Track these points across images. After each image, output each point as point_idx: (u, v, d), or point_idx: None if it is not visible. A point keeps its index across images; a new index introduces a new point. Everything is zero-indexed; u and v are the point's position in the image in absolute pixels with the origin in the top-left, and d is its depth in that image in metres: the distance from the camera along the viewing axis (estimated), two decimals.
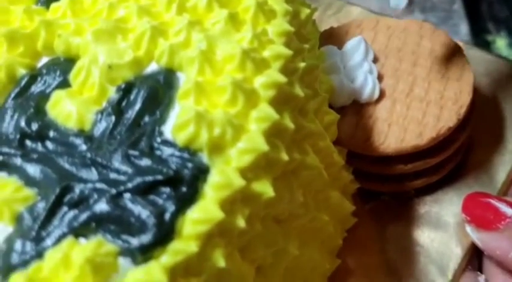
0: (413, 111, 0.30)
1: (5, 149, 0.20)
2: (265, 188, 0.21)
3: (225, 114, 0.21)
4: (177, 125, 0.20)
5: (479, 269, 0.29)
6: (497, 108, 0.34)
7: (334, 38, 0.33)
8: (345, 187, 0.30)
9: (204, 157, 0.20)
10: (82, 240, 0.19)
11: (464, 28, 0.51)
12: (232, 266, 0.21)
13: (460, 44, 0.33)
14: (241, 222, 0.20)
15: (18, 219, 0.19)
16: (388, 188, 0.31)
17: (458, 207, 0.30)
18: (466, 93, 0.30)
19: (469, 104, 0.30)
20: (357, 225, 0.30)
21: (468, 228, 0.28)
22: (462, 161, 0.32)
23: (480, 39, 0.51)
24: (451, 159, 0.31)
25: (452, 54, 0.32)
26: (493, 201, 0.28)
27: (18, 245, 0.19)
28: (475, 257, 0.30)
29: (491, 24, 0.52)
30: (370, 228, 0.31)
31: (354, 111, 0.30)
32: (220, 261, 0.20)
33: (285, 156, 0.22)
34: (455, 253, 0.29)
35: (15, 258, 0.18)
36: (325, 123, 0.28)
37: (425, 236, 0.30)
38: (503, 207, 0.27)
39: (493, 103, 0.34)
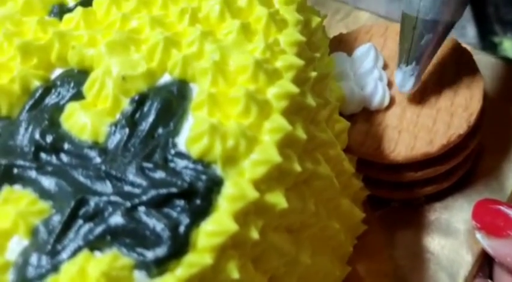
0: (424, 118, 0.30)
1: (20, 162, 0.20)
2: (278, 199, 0.21)
3: (238, 126, 0.21)
4: (191, 137, 0.20)
5: (490, 276, 0.29)
6: (506, 113, 0.34)
7: (343, 44, 0.33)
8: (355, 194, 0.30)
9: (218, 169, 0.20)
10: (97, 253, 0.19)
11: (471, 30, 0.51)
12: (246, 277, 0.21)
13: (469, 48, 0.33)
14: (254, 234, 0.20)
15: (33, 233, 0.19)
16: (398, 195, 0.31)
17: (468, 213, 0.30)
18: (476, 100, 0.30)
19: (480, 111, 0.30)
20: (367, 232, 0.30)
21: (478, 235, 0.28)
22: (472, 168, 0.32)
23: (487, 41, 0.51)
24: (461, 166, 0.31)
25: (462, 61, 0.32)
26: (503, 208, 0.28)
27: (33, 258, 0.19)
28: (485, 264, 0.30)
29: (498, 26, 0.52)
30: (380, 235, 0.31)
31: (364, 119, 0.30)
32: (234, 273, 0.20)
33: (297, 167, 0.22)
34: (466, 260, 0.29)
35: (31, 272, 0.18)
36: (336, 131, 0.28)
37: (435, 243, 0.30)
38: None
39: (503, 109, 0.34)
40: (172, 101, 0.22)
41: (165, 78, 0.22)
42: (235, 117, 0.21)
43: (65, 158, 0.21)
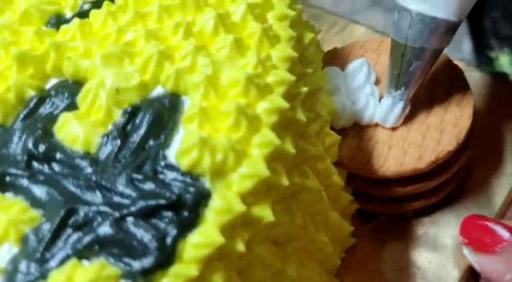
0: (414, 135, 0.30)
1: (13, 170, 0.21)
2: (265, 212, 0.21)
3: (227, 140, 0.21)
4: (181, 150, 0.21)
5: None
6: (496, 130, 0.34)
7: (337, 58, 0.33)
8: (344, 208, 0.30)
9: (206, 182, 0.21)
10: (85, 262, 0.19)
11: (467, 45, 0.51)
12: None
13: (461, 65, 0.34)
14: (241, 247, 0.21)
15: (23, 240, 0.20)
16: (386, 209, 0.31)
17: (456, 229, 0.31)
18: (466, 117, 0.30)
19: (469, 128, 0.30)
20: (355, 245, 0.30)
21: (465, 251, 0.29)
22: (461, 184, 0.32)
23: (483, 56, 0.52)
24: (449, 181, 0.31)
25: (453, 78, 0.32)
26: (490, 224, 0.28)
27: (23, 265, 0.19)
28: (471, 280, 0.30)
29: (495, 40, 0.52)
30: (368, 249, 0.31)
31: (355, 133, 0.30)
32: None
33: (285, 181, 0.22)
34: (452, 275, 0.30)
35: (20, 279, 0.19)
36: (326, 145, 0.28)
37: (422, 258, 0.30)
38: (500, 231, 0.28)
39: (492, 125, 0.34)
40: (163, 114, 0.22)
41: (158, 91, 0.23)
42: (225, 130, 0.22)
43: (56, 167, 0.21)
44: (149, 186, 0.20)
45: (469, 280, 0.30)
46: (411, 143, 0.30)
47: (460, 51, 0.49)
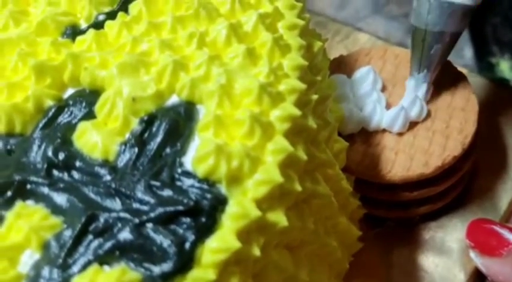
0: (420, 140, 0.31)
1: (33, 178, 0.21)
2: (279, 217, 0.22)
3: (243, 147, 0.22)
4: (197, 157, 0.21)
5: None
6: (500, 135, 0.35)
7: (343, 66, 0.34)
8: (352, 213, 0.31)
9: (223, 188, 0.21)
10: (106, 267, 0.19)
11: (468, 52, 0.52)
12: None
13: (464, 71, 0.34)
14: (256, 251, 0.21)
15: (45, 247, 0.20)
16: (393, 214, 0.32)
17: (462, 233, 0.31)
18: (471, 123, 0.31)
19: (474, 134, 0.31)
20: (363, 249, 0.31)
21: (472, 254, 0.29)
22: (466, 188, 0.33)
23: (484, 62, 0.52)
24: (455, 186, 0.32)
25: (458, 84, 0.33)
26: (496, 228, 0.29)
27: (45, 271, 0.20)
28: None
29: (495, 47, 0.53)
30: (376, 253, 0.32)
31: (362, 139, 0.31)
32: None
33: (298, 187, 0.23)
34: (459, 278, 0.30)
35: None
36: (334, 151, 0.29)
37: (429, 261, 0.31)
38: (506, 234, 0.28)
39: (496, 130, 0.35)
40: (179, 122, 0.23)
41: (173, 100, 0.23)
42: (240, 138, 0.22)
43: (76, 175, 0.21)
44: (167, 192, 0.21)
45: None
46: (417, 149, 0.30)
47: (462, 57, 0.50)
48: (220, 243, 0.20)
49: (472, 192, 0.33)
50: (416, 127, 0.31)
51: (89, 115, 0.23)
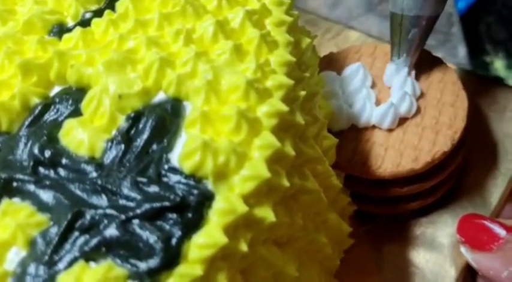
0: (409, 136, 0.31)
1: (19, 176, 0.21)
2: (266, 213, 0.22)
3: (229, 143, 0.22)
4: (183, 153, 0.21)
5: None
6: (490, 131, 0.35)
7: (333, 63, 0.34)
8: (342, 209, 0.31)
9: (209, 184, 0.21)
10: (93, 264, 0.19)
11: (462, 50, 0.52)
12: None
13: (454, 67, 0.34)
14: (243, 247, 0.21)
15: (31, 244, 0.20)
16: (384, 210, 0.32)
17: (452, 228, 0.31)
18: (460, 118, 0.31)
19: (463, 129, 0.31)
20: (354, 246, 0.31)
21: (463, 249, 0.29)
22: (456, 184, 0.33)
23: (478, 60, 0.52)
24: (445, 182, 0.32)
25: (447, 80, 0.33)
26: (487, 223, 0.29)
27: (31, 268, 0.19)
28: (469, 278, 0.31)
29: (490, 45, 0.53)
30: (367, 249, 0.32)
31: (352, 136, 0.31)
32: None
33: (285, 182, 0.23)
34: (450, 274, 0.30)
35: (29, 281, 0.19)
36: (324, 148, 0.29)
37: (420, 257, 0.31)
38: (496, 229, 0.28)
39: (487, 126, 0.35)
40: (166, 119, 0.23)
41: (160, 97, 0.23)
42: (227, 134, 0.22)
43: (62, 172, 0.21)
44: (153, 189, 0.21)
45: (466, 278, 0.31)
46: (407, 145, 0.30)
47: (456, 56, 0.50)
48: (207, 239, 0.20)
49: (462, 188, 0.33)
50: (406, 123, 0.31)
51: (76, 112, 0.23)
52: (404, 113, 0.31)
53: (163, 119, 0.23)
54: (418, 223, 0.32)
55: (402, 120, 0.31)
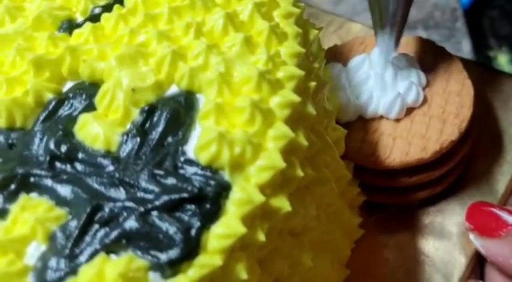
0: (417, 126, 0.31)
1: (36, 171, 0.21)
2: (282, 203, 0.22)
3: (244, 134, 0.22)
4: (199, 145, 0.21)
5: (481, 277, 0.30)
6: (495, 120, 0.35)
7: (338, 55, 0.34)
8: (352, 200, 0.31)
9: (226, 175, 0.21)
10: (113, 256, 0.20)
11: (466, 45, 0.52)
12: (253, 279, 0.22)
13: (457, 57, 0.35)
14: (261, 236, 0.21)
15: (51, 238, 0.20)
16: (393, 199, 0.32)
17: (461, 217, 0.32)
18: (467, 107, 0.31)
19: (470, 118, 0.31)
20: (364, 236, 0.31)
21: (471, 236, 0.29)
22: (464, 172, 0.33)
23: (482, 55, 0.53)
24: (453, 170, 0.32)
25: (453, 70, 0.33)
26: (495, 210, 0.29)
27: (52, 262, 0.20)
28: (478, 265, 0.31)
29: (493, 40, 0.53)
30: (376, 239, 0.32)
31: (360, 127, 0.31)
32: (243, 274, 0.21)
33: (300, 173, 0.23)
34: (459, 261, 0.30)
35: (50, 275, 0.19)
36: (333, 139, 0.29)
37: (429, 246, 0.31)
38: (504, 216, 0.29)
39: (492, 115, 0.35)
40: (180, 111, 0.23)
41: (173, 90, 0.23)
42: (241, 125, 0.22)
43: (79, 166, 0.22)
44: (171, 181, 0.21)
45: (475, 265, 0.31)
46: (415, 134, 0.31)
47: (460, 51, 0.50)
48: (226, 229, 0.20)
49: (469, 176, 0.33)
50: (413, 113, 0.31)
51: (90, 107, 0.23)
52: (411, 102, 0.31)
53: (177, 111, 0.23)
54: (427, 212, 0.32)
55: (409, 110, 0.31)
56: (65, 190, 0.21)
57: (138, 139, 0.22)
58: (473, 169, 0.33)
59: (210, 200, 0.21)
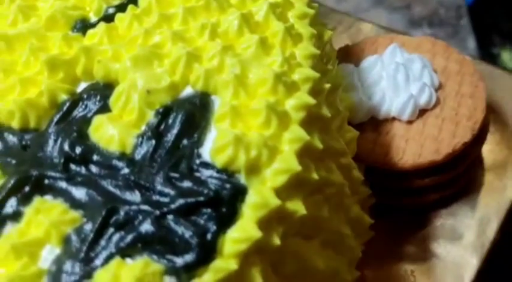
0: (430, 128, 0.31)
1: (50, 173, 0.21)
2: (298, 206, 0.22)
3: (260, 137, 0.22)
4: (215, 147, 0.21)
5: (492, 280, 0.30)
6: (507, 119, 0.35)
7: (350, 55, 0.34)
8: (363, 201, 0.31)
9: (242, 178, 0.21)
10: (129, 260, 0.19)
11: (471, 42, 0.52)
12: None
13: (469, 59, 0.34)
14: (276, 240, 0.21)
15: (66, 241, 0.20)
16: (404, 202, 0.32)
17: (472, 219, 0.31)
18: (479, 110, 0.31)
19: (483, 120, 0.31)
20: (375, 238, 0.31)
21: None
22: (475, 174, 0.33)
23: (486, 52, 0.52)
24: (465, 172, 0.32)
25: (465, 72, 0.33)
26: None
27: (67, 266, 0.19)
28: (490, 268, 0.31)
29: (497, 37, 0.53)
30: (387, 241, 0.32)
31: (372, 128, 0.31)
32: (257, 279, 0.21)
33: (315, 176, 0.23)
34: (472, 263, 0.30)
35: (65, 279, 0.19)
36: (346, 140, 0.29)
37: (441, 248, 0.31)
38: None
39: (503, 116, 0.35)
40: (195, 113, 0.23)
41: (188, 91, 0.23)
42: (257, 128, 0.22)
43: (94, 168, 0.21)
44: (187, 184, 0.21)
45: (488, 268, 0.31)
46: (428, 136, 0.30)
47: (466, 48, 0.50)
48: (242, 233, 0.20)
49: (480, 179, 0.33)
50: (426, 115, 0.31)
51: (104, 108, 0.23)
52: (424, 104, 0.31)
53: (193, 113, 0.23)
54: (438, 215, 0.32)
55: (422, 112, 0.31)
56: (79, 193, 0.21)
57: (154, 141, 0.22)
58: (485, 171, 0.33)
59: (226, 203, 0.20)
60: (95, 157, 0.22)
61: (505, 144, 0.34)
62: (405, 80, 0.31)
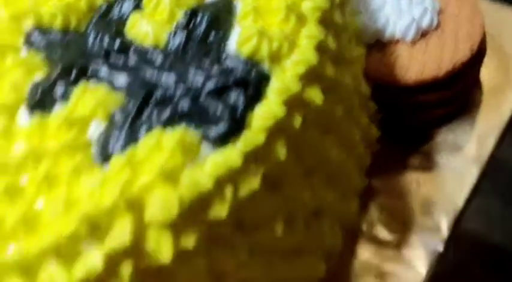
0: (431, 48, 0.33)
1: (93, 62, 0.24)
2: (316, 94, 0.24)
3: (280, 31, 0.24)
4: (241, 39, 0.24)
5: None
6: (501, 46, 0.37)
7: None
8: (370, 116, 0.33)
9: (265, 66, 0.23)
10: (169, 129, 0.22)
11: None
12: (289, 162, 0.24)
13: None
14: (298, 121, 0.23)
15: (111, 117, 0.22)
16: (408, 117, 0.34)
17: (471, 135, 0.34)
18: (478, 32, 0.34)
19: (480, 41, 0.33)
20: (380, 151, 0.33)
21: None
22: (475, 95, 0.35)
23: None
24: (465, 92, 0.34)
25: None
26: None
27: (114, 135, 0.22)
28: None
29: None
30: (393, 155, 0.34)
31: (378, 49, 0.33)
32: (282, 155, 0.23)
33: (330, 70, 0.25)
34: (472, 172, 0.33)
35: (112, 145, 0.21)
36: (355, 54, 0.31)
37: (443, 159, 0.34)
38: None
39: (498, 42, 0.38)
40: (220, 15, 0.25)
41: None
42: (277, 24, 0.24)
43: (132, 59, 0.24)
44: (217, 69, 0.23)
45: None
46: (430, 56, 0.33)
47: None
48: (268, 111, 0.22)
49: (478, 98, 0.35)
50: (428, 36, 0.34)
51: (137, 9, 0.25)
52: (426, 26, 0.33)
53: (217, 15, 0.25)
54: (440, 131, 0.35)
55: (424, 34, 0.34)
56: (121, 78, 0.23)
57: (184, 35, 0.24)
58: (482, 91, 0.36)
59: (252, 85, 0.23)
60: (132, 51, 0.24)
61: (502, 70, 0.37)
62: (408, 5, 0.34)
